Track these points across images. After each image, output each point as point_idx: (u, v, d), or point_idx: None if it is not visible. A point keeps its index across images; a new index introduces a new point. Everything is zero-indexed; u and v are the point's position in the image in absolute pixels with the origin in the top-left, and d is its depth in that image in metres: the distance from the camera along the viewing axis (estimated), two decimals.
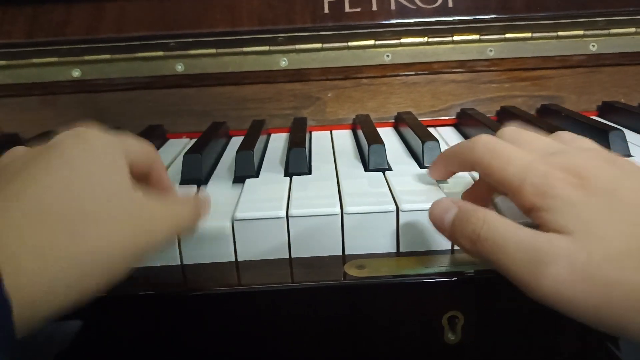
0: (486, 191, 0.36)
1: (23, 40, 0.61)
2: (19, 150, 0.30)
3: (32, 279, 0.23)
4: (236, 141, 0.60)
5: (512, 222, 0.29)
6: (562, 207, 0.28)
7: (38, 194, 0.25)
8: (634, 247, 0.26)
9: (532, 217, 0.29)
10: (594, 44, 0.64)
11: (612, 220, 0.27)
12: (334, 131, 0.61)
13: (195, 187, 0.44)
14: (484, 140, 0.33)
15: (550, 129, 0.48)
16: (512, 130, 0.35)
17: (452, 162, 0.37)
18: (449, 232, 0.31)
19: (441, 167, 0.39)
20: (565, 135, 0.35)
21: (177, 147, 0.58)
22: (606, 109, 0.63)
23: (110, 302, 0.34)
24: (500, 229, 0.29)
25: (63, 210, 0.25)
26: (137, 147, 0.33)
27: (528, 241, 0.28)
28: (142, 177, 0.34)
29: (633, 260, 0.26)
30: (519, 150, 0.32)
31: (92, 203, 0.26)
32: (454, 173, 0.39)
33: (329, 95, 0.63)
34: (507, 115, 0.61)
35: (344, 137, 0.58)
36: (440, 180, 0.41)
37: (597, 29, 0.63)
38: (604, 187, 0.28)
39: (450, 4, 0.60)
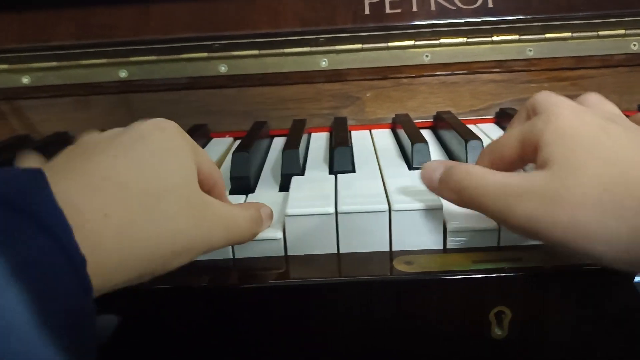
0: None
1: (73, 42, 0.63)
2: (95, 132, 0.32)
3: (110, 256, 0.24)
4: (278, 140, 0.61)
5: (492, 170, 0.32)
6: (554, 139, 0.30)
7: (119, 173, 0.27)
8: (607, 176, 0.28)
9: (537, 161, 0.31)
10: (635, 43, 0.63)
11: (594, 151, 0.29)
12: (373, 130, 0.62)
13: (244, 196, 0.45)
14: (490, 144, 0.37)
15: None
16: (546, 92, 0.36)
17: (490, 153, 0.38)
18: (438, 188, 0.35)
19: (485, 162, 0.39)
20: (592, 98, 0.36)
21: (221, 146, 0.59)
22: None
23: (165, 294, 0.36)
24: (480, 175, 0.32)
25: (142, 194, 0.27)
26: (206, 158, 0.34)
27: (504, 182, 0.30)
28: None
29: (603, 184, 0.27)
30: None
31: (165, 193, 0.28)
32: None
33: (368, 95, 0.64)
34: None
35: (384, 136, 0.59)
36: None
37: (638, 28, 0.62)
38: (597, 126, 0.30)
39: (490, 5, 0.60)
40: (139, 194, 0.26)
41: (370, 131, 0.62)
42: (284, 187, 0.45)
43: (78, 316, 0.22)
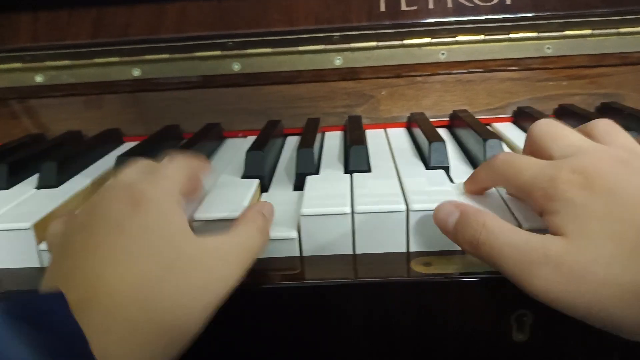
0: (485, 181, 0.38)
1: (87, 41, 0.63)
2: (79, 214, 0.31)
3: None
4: (291, 139, 0.60)
5: (510, 226, 0.30)
6: (564, 208, 0.29)
7: (109, 278, 0.27)
8: (626, 248, 0.26)
9: (544, 220, 0.31)
10: None
11: (608, 219, 0.27)
12: (388, 129, 0.61)
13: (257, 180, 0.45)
14: (501, 156, 0.35)
15: None
16: (544, 123, 0.36)
17: (481, 179, 0.38)
18: (453, 235, 0.33)
19: (473, 185, 0.39)
20: (602, 127, 0.34)
21: (235, 145, 0.59)
22: None
23: None
24: (497, 233, 0.30)
25: (139, 290, 0.27)
26: (180, 175, 0.34)
27: (522, 243, 0.29)
28: None
29: (623, 261, 0.26)
30: (533, 159, 0.33)
31: (160, 276, 0.27)
32: (487, 188, 0.39)
33: (383, 93, 0.63)
34: (566, 113, 0.59)
35: (399, 135, 0.58)
36: None
37: None
38: (607, 187, 0.29)
39: (508, 2, 0.59)
40: (135, 292, 0.26)
41: (385, 130, 0.61)
42: (299, 186, 0.44)
43: None
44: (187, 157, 0.36)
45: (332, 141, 0.58)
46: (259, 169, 0.46)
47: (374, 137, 0.58)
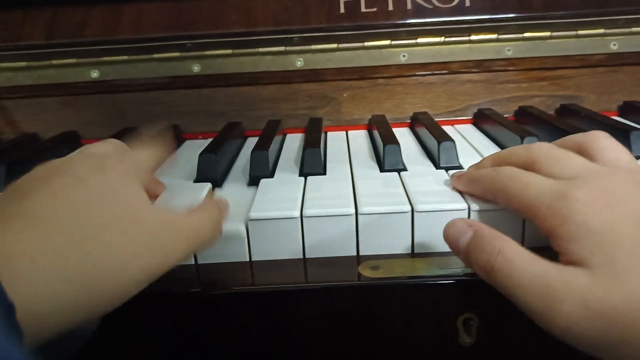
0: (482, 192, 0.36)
1: (43, 42, 0.62)
2: (42, 166, 0.30)
3: (41, 301, 0.23)
4: (251, 141, 0.60)
5: (528, 254, 0.28)
6: (582, 236, 0.27)
7: (51, 215, 0.26)
8: None
9: (552, 244, 0.28)
10: (614, 42, 0.62)
11: (638, 255, 0.26)
12: (349, 131, 0.61)
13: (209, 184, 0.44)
14: (507, 171, 0.33)
15: (569, 130, 0.47)
16: (544, 146, 0.34)
17: (475, 187, 0.36)
18: (464, 256, 0.31)
19: (463, 187, 0.37)
20: (602, 143, 0.32)
21: (193, 148, 0.58)
22: (627, 109, 0.62)
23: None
24: (515, 262, 0.28)
25: (76, 234, 0.25)
26: (149, 162, 0.36)
27: (542, 277, 0.27)
28: None
29: None
30: (541, 177, 0.31)
31: (105, 227, 0.26)
32: (476, 195, 0.37)
33: (345, 95, 0.63)
34: (525, 115, 0.60)
35: (359, 138, 0.58)
36: None
37: (618, 28, 0.62)
38: (632, 216, 0.27)
39: (468, 3, 0.59)
40: (73, 234, 0.25)
41: (346, 132, 0.61)
42: None
43: None
44: (157, 145, 0.38)
45: (293, 143, 0.57)
46: (212, 172, 0.45)
47: (334, 139, 0.58)
